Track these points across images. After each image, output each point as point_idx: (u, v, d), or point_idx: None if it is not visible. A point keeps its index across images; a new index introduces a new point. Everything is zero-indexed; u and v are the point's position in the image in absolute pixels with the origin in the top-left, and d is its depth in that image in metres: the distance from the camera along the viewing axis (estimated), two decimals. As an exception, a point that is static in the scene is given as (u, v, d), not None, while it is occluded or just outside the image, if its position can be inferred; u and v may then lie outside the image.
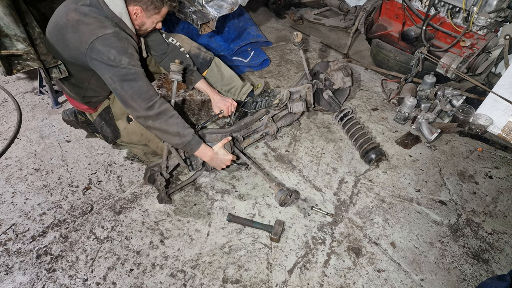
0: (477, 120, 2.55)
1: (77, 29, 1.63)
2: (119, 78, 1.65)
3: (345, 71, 2.49)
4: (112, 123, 2.03)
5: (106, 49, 1.60)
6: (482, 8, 2.48)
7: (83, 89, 1.92)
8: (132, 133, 2.05)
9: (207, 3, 2.50)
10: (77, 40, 1.64)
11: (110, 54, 1.61)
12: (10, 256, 1.76)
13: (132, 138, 2.07)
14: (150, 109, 1.70)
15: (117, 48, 1.62)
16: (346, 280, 1.74)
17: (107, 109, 2.03)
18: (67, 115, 2.30)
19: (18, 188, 2.07)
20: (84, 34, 1.62)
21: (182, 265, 1.77)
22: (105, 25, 1.64)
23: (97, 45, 1.60)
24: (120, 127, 2.03)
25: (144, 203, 2.04)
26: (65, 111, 2.33)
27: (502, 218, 2.06)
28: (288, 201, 1.91)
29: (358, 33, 3.57)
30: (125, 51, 1.65)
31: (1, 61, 1.62)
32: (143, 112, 1.70)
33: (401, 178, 2.27)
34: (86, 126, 2.28)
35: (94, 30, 1.61)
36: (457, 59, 2.62)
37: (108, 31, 1.61)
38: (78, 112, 2.21)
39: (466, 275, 1.79)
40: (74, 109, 2.25)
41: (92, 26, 1.62)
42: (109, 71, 1.64)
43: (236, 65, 3.07)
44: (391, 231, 1.97)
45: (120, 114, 2.04)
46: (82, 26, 1.63)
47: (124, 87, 1.66)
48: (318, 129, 2.62)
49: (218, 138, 2.07)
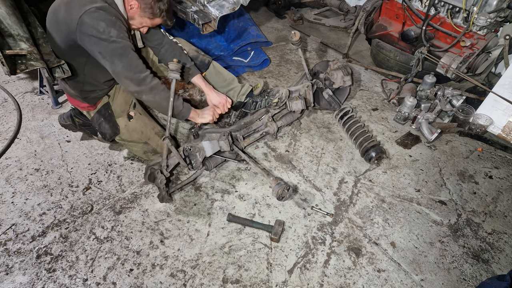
0: (477, 120, 2.55)
1: (68, 6, 1.63)
2: (109, 53, 1.66)
3: (345, 70, 2.49)
4: (111, 119, 2.03)
5: (94, 22, 1.60)
6: (482, 8, 2.48)
7: (80, 83, 1.91)
8: (132, 131, 2.05)
9: (209, 2, 2.50)
10: (68, 17, 1.64)
11: (99, 27, 1.60)
12: (10, 256, 1.76)
13: (133, 136, 2.07)
14: (142, 83, 1.74)
15: (106, 20, 1.62)
16: (346, 280, 1.74)
17: (107, 105, 2.03)
18: (64, 120, 2.28)
19: (18, 188, 2.07)
20: (74, 9, 1.62)
21: (182, 265, 1.77)
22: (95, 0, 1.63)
23: (85, 19, 1.60)
24: (121, 125, 2.03)
25: (144, 203, 2.04)
26: (61, 115, 2.31)
27: (502, 218, 2.06)
28: (286, 195, 1.91)
29: (358, 33, 3.57)
30: (114, 23, 1.64)
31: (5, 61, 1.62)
32: (136, 87, 1.74)
33: (401, 178, 2.27)
34: (84, 129, 2.28)
35: (83, 4, 1.61)
36: (457, 59, 2.62)
37: (96, 5, 1.61)
38: (75, 115, 2.21)
39: (466, 275, 1.79)
40: (70, 112, 2.23)
41: (82, 1, 1.62)
42: (98, 45, 1.64)
43: (236, 65, 3.07)
44: (391, 231, 1.97)
45: (120, 112, 2.04)
46: (73, 3, 1.63)
47: (115, 61, 1.67)
48: (318, 129, 2.62)
49: (217, 136, 2.07)
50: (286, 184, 1.88)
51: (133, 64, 1.71)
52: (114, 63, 1.68)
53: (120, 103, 2.04)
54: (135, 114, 2.09)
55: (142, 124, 2.09)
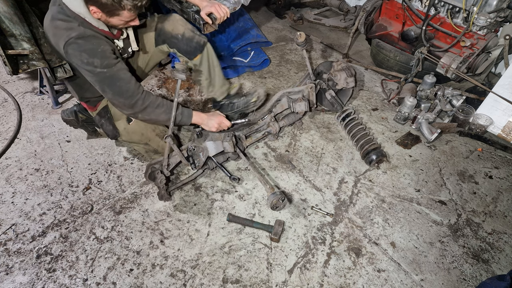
0: (477, 120, 2.55)
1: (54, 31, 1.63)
2: (97, 81, 1.67)
3: (349, 72, 2.49)
4: (111, 122, 2.03)
5: (77, 53, 1.60)
6: (482, 8, 2.48)
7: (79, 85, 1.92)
8: (132, 133, 2.05)
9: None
10: (55, 43, 1.65)
11: (83, 58, 1.60)
12: (10, 256, 1.76)
13: (133, 138, 2.07)
14: (134, 106, 1.74)
15: (86, 50, 1.60)
16: (346, 280, 1.74)
17: (106, 108, 2.03)
18: (67, 115, 2.29)
19: (18, 188, 2.07)
20: (57, 39, 1.62)
21: (182, 265, 1.77)
22: (70, 26, 1.60)
23: (69, 50, 1.60)
24: (120, 128, 2.03)
25: (144, 203, 2.04)
26: (64, 110, 2.32)
27: (502, 218, 2.06)
28: (280, 205, 1.92)
29: (358, 33, 3.57)
30: (95, 52, 1.61)
31: (7, 61, 1.63)
32: (129, 110, 1.74)
33: (401, 178, 2.27)
34: (87, 125, 2.29)
35: (62, 34, 1.59)
36: (457, 59, 2.62)
37: (73, 34, 1.58)
38: (79, 111, 2.22)
39: (466, 275, 1.79)
40: (74, 108, 2.25)
41: (60, 29, 1.61)
42: (87, 74, 1.67)
43: (236, 65, 3.07)
44: (391, 231, 1.97)
45: (119, 115, 2.04)
46: (54, 30, 1.63)
47: (105, 89, 1.69)
48: (318, 129, 2.62)
49: (221, 137, 2.08)
50: (281, 194, 1.88)
51: (122, 89, 1.70)
52: (105, 91, 1.70)
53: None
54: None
55: (142, 125, 2.07)
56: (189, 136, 2.49)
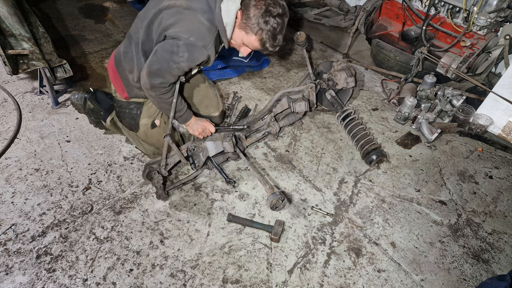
0: (477, 120, 2.55)
1: (178, 15, 1.57)
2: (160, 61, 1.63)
3: (349, 72, 2.49)
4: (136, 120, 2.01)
5: (182, 49, 1.57)
6: (482, 8, 2.48)
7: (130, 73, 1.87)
8: (150, 136, 2.06)
9: None
10: (170, 23, 1.58)
11: (180, 51, 1.57)
12: (10, 256, 1.75)
13: (149, 139, 2.08)
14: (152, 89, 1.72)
15: (191, 58, 1.61)
16: (346, 280, 1.74)
17: (139, 105, 2.00)
18: (77, 99, 2.28)
19: (18, 188, 2.07)
20: (180, 25, 1.56)
21: (182, 265, 1.76)
22: (204, 33, 1.58)
23: (181, 44, 1.57)
24: (141, 127, 2.02)
25: (144, 203, 2.04)
26: (74, 93, 2.29)
27: (502, 218, 2.06)
28: (280, 206, 1.92)
29: (358, 33, 3.57)
30: (192, 61, 1.63)
31: (7, 61, 1.63)
32: (148, 85, 1.71)
33: (401, 178, 2.27)
34: (92, 114, 2.29)
35: (192, 32, 1.56)
36: (457, 59, 2.62)
37: (200, 43, 1.57)
38: (89, 99, 2.22)
39: (466, 275, 1.79)
40: (85, 95, 2.25)
41: (192, 24, 1.57)
42: (162, 51, 1.61)
43: (236, 65, 3.07)
44: (391, 231, 1.97)
45: (147, 116, 2.02)
46: (184, 15, 1.57)
47: (154, 66, 1.64)
48: (318, 129, 2.62)
49: (221, 137, 2.08)
50: (281, 194, 1.88)
51: (164, 79, 1.68)
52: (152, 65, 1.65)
53: (147, 109, 2.02)
54: (160, 122, 2.06)
55: (162, 133, 2.04)
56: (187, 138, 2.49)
